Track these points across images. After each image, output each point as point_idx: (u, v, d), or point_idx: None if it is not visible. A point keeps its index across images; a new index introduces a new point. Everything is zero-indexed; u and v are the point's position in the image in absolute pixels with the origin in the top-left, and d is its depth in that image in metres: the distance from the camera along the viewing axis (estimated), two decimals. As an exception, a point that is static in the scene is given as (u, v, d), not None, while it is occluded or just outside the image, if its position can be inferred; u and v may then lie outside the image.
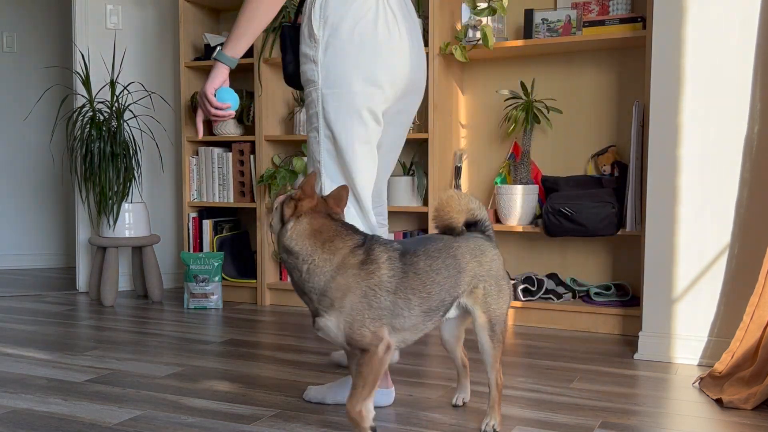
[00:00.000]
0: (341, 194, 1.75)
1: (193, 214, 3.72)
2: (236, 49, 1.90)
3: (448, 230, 1.81)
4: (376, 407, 1.90)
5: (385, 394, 2.02)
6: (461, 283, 1.74)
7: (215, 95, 1.91)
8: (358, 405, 1.64)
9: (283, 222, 1.69)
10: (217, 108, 1.91)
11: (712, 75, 2.43)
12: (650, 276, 2.54)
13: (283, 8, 3.40)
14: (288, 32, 2.04)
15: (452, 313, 1.79)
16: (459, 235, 1.81)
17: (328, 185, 1.94)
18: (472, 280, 1.76)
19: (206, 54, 3.63)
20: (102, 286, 3.50)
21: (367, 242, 1.68)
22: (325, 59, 1.90)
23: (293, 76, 2.05)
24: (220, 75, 1.91)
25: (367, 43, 1.89)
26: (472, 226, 1.85)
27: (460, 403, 2.03)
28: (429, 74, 3.15)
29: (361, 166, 1.94)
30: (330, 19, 1.89)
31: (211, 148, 3.67)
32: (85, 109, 3.61)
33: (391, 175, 3.34)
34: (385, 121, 1.99)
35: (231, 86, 1.97)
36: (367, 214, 1.97)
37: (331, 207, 1.72)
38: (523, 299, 3.07)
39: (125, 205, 3.58)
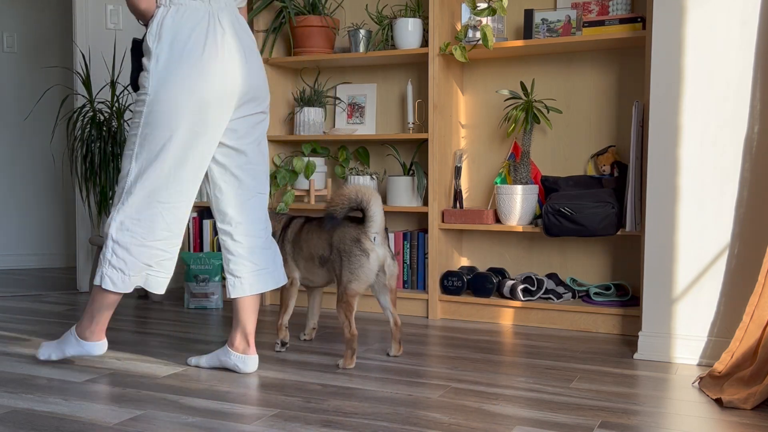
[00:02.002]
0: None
1: (194, 214, 3.72)
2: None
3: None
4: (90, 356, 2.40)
5: (97, 346, 2.41)
6: (323, 247, 2.53)
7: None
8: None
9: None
10: None
11: (712, 75, 2.43)
12: (650, 276, 2.54)
13: (283, 8, 3.41)
14: (136, 45, 2.34)
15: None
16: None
17: (134, 170, 2.23)
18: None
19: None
20: (102, 286, 3.50)
21: None
22: (156, 70, 2.20)
23: (135, 81, 2.35)
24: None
25: (194, 58, 2.17)
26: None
27: (389, 353, 2.58)
28: (429, 74, 3.16)
29: (166, 162, 2.23)
30: (164, 36, 2.19)
31: (211, 148, 3.67)
32: (85, 109, 3.61)
33: (391, 175, 3.34)
34: (236, 130, 2.31)
35: None
36: (168, 203, 2.26)
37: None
38: (523, 299, 3.07)
39: (125, 205, 3.58)
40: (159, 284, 2.35)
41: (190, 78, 2.17)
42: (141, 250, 2.28)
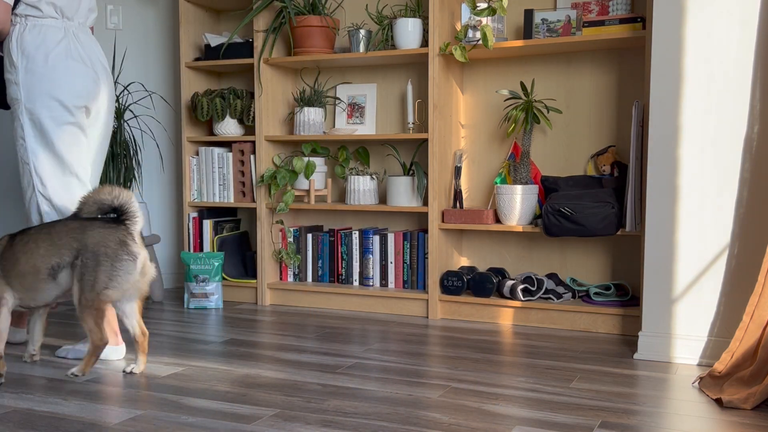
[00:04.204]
0: None
1: (194, 214, 3.72)
2: None
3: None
4: (108, 360, 2.48)
5: (115, 350, 2.51)
6: (59, 254, 2.23)
7: None
8: None
9: None
10: None
11: (712, 75, 2.43)
12: (650, 276, 2.54)
13: (283, 8, 3.41)
14: None
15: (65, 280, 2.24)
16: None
17: (38, 182, 2.49)
18: (72, 253, 2.24)
19: (206, 54, 3.64)
20: (102, 286, 3.50)
21: None
22: (26, 81, 2.43)
23: (2, 98, 2.58)
24: None
25: (59, 68, 2.44)
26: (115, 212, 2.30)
27: (128, 371, 2.35)
28: (429, 74, 3.15)
29: (69, 153, 2.49)
30: (27, 49, 2.43)
31: (211, 148, 3.68)
32: (85, 109, 3.61)
33: (391, 175, 3.34)
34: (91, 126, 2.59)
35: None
36: (85, 185, 2.54)
37: None
38: (523, 299, 3.07)
39: (125, 205, 3.58)
40: None
41: (61, 85, 2.44)
42: None
